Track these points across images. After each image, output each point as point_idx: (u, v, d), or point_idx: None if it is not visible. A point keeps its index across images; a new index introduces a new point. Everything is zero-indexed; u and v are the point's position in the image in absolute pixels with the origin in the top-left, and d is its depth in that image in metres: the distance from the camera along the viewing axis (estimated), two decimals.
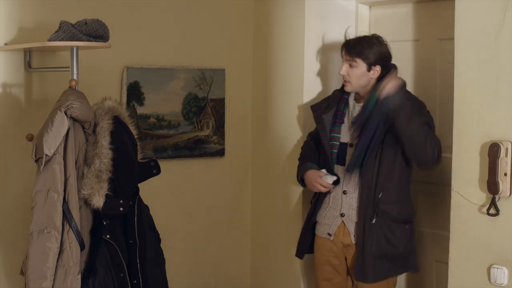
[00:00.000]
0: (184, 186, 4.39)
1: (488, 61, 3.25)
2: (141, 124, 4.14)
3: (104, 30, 3.39)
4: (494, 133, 3.23)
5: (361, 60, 3.66)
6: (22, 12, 3.71)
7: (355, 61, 3.66)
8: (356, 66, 3.67)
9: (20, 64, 3.73)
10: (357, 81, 3.69)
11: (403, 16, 4.10)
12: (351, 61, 3.68)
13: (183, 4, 4.29)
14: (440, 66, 3.91)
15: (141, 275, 3.42)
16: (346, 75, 3.70)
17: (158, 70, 4.18)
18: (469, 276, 3.35)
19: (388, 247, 3.61)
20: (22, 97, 3.75)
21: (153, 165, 3.54)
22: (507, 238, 3.20)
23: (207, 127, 4.42)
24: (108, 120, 3.35)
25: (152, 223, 3.58)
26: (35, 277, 3.15)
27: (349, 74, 3.69)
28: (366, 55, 3.65)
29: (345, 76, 3.71)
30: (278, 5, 4.39)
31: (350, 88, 3.73)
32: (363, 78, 3.68)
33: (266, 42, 4.48)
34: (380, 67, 3.67)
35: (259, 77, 4.56)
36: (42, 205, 3.17)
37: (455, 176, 3.39)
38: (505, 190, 3.19)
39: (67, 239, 3.19)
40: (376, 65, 3.66)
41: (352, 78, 3.69)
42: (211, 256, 4.53)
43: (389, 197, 3.61)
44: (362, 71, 3.67)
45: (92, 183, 3.25)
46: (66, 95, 3.26)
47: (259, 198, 4.60)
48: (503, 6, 3.19)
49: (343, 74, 3.71)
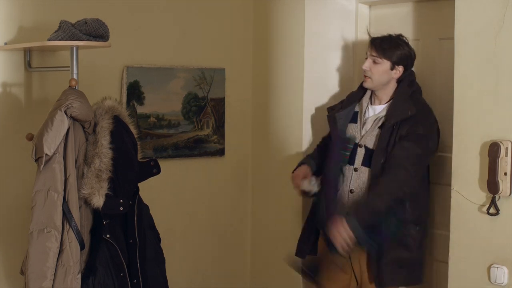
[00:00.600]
0: (184, 185, 4.39)
1: (488, 61, 3.25)
2: (141, 124, 4.14)
3: (104, 29, 3.39)
4: (494, 132, 3.23)
5: (385, 58, 3.68)
6: (22, 11, 3.71)
7: (380, 58, 3.68)
8: (380, 63, 3.68)
9: (20, 64, 3.73)
10: (379, 78, 3.70)
11: (403, 16, 4.10)
12: (376, 58, 3.68)
13: (183, 4, 4.29)
14: (440, 65, 3.91)
15: (141, 274, 3.42)
16: (368, 71, 3.71)
17: (158, 70, 4.18)
18: (469, 275, 3.35)
19: (400, 248, 3.61)
20: (22, 97, 3.75)
21: (153, 164, 3.54)
22: (507, 238, 3.20)
23: (207, 126, 4.42)
24: (108, 119, 3.35)
25: (152, 222, 3.58)
26: (35, 276, 3.15)
27: (371, 70, 3.70)
28: (392, 54, 3.67)
29: (367, 71, 3.71)
30: (278, 4, 4.39)
31: (370, 84, 3.73)
32: (384, 76, 3.69)
33: (266, 42, 4.48)
34: (403, 68, 3.69)
35: (259, 77, 4.55)
36: (42, 204, 3.17)
37: (455, 175, 3.39)
38: (505, 190, 3.19)
39: (67, 238, 3.19)
40: (399, 65, 3.68)
41: (374, 74, 3.70)
42: (211, 256, 4.53)
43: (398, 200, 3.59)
44: (385, 68, 3.68)
45: (92, 183, 3.25)
46: (66, 95, 3.26)
47: (259, 197, 4.60)
48: (503, 5, 3.19)
49: (365, 69, 3.72)
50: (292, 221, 4.29)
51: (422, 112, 3.64)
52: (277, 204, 4.44)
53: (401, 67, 3.69)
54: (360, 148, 3.70)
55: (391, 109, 3.66)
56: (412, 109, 3.59)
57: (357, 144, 3.72)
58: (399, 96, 3.68)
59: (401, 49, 3.69)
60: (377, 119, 3.69)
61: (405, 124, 3.58)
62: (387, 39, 3.72)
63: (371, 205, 3.54)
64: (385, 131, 3.61)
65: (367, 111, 3.77)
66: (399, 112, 3.60)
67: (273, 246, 4.48)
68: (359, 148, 3.71)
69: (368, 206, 3.54)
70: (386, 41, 3.71)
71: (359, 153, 3.70)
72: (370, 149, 3.66)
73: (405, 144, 3.54)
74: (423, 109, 3.66)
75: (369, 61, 3.71)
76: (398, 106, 3.64)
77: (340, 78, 4.28)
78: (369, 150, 3.67)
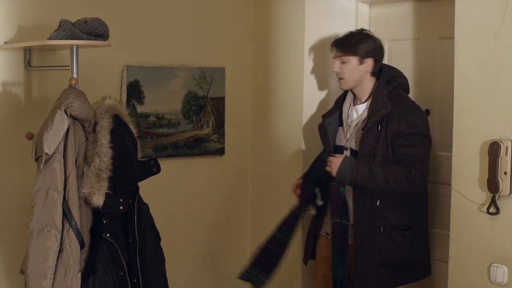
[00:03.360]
0: (184, 185, 4.39)
1: (488, 60, 3.25)
2: (141, 123, 4.14)
3: (104, 28, 3.39)
4: (494, 131, 3.23)
5: (351, 55, 3.67)
6: (22, 11, 3.71)
7: (346, 57, 3.67)
8: (347, 61, 3.68)
9: (20, 63, 3.72)
10: (351, 76, 3.69)
11: (403, 15, 4.10)
12: (342, 57, 3.69)
13: (183, 3, 4.28)
14: (440, 65, 3.91)
15: (141, 274, 3.42)
16: (339, 72, 3.71)
17: (158, 69, 4.18)
18: (469, 274, 3.35)
19: (389, 254, 3.60)
20: (22, 96, 3.75)
21: (153, 164, 3.54)
22: (507, 237, 3.20)
23: (207, 125, 4.42)
24: (108, 118, 3.35)
25: (152, 222, 3.58)
26: (35, 276, 3.15)
27: (342, 70, 3.70)
28: (355, 49, 3.66)
29: (338, 73, 3.72)
30: (278, 3, 4.39)
31: (346, 85, 3.74)
32: (356, 73, 3.68)
33: (266, 41, 4.48)
34: (373, 60, 3.68)
35: (259, 76, 4.55)
36: (42, 204, 3.17)
37: (455, 174, 3.39)
38: (505, 189, 3.19)
39: (67, 238, 3.19)
40: (367, 58, 3.67)
41: (345, 73, 3.70)
42: (211, 255, 4.53)
43: (387, 203, 3.59)
44: (354, 65, 3.68)
45: (92, 182, 3.25)
46: (66, 94, 3.26)
47: (259, 197, 4.60)
48: (503, 5, 3.19)
49: (336, 71, 3.72)
50: None
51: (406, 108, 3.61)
52: (277, 203, 4.43)
53: (370, 59, 3.67)
54: (346, 151, 3.70)
55: (370, 109, 3.65)
56: (387, 107, 3.57)
57: (343, 147, 3.72)
58: (376, 94, 3.66)
59: (364, 42, 3.68)
60: (360, 121, 3.68)
61: (391, 122, 3.56)
62: (347, 36, 3.73)
63: (374, 172, 3.52)
64: (369, 133, 3.59)
65: (350, 113, 3.76)
66: (377, 112, 3.59)
67: None
68: (344, 151, 3.70)
69: (371, 170, 3.53)
70: (347, 39, 3.71)
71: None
72: (355, 151, 3.66)
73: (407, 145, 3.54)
74: (405, 104, 3.64)
75: (337, 62, 3.71)
76: (375, 105, 3.63)
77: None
78: (354, 152, 3.67)
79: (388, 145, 3.56)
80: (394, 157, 3.56)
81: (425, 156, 3.58)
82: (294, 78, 4.28)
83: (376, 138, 3.57)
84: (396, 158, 3.55)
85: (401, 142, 3.55)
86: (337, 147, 3.75)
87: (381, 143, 3.56)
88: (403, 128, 3.54)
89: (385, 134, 3.56)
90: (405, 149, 3.53)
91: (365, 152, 3.58)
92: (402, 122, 3.55)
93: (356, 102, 3.76)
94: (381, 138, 3.56)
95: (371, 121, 3.59)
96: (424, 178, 3.55)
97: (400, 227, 3.60)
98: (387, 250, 3.58)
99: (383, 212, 3.57)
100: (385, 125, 3.57)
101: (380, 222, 3.57)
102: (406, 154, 3.53)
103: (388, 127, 3.56)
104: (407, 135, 3.53)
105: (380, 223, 3.57)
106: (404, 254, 3.61)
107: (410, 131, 3.54)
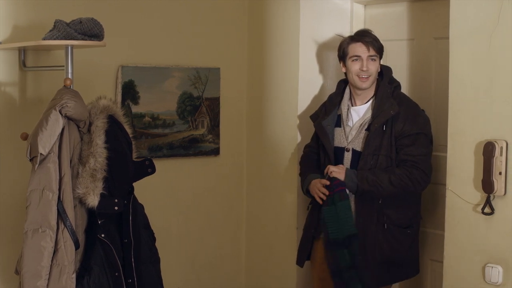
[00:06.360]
0: (179, 185, 4.38)
1: (482, 60, 3.26)
2: (136, 123, 4.13)
3: (99, 29, 3.39)
4: (488, 132, 3.24)
5: (378, 53, 3.69)
6: (16, 10, 3.70)
7: (377, 55, 3.67)
8: (376, 60, 3.68)
9: (14, 63, 3.72)
10: (375, 75, 3.70)
11: (398, 15, 4.11)
12: (374, 56, 3.67)
13: (178, 3, 4.28)
14: (435, 65, 3.92)
15: (136, 274, 3.42)
16: (368, 70, 3.65)
17: (153, 69, 4.18)
18: (464, 274, 3.35)
19: (391, 251, 3.61)
20: (17, 96, 3.74)
21: (148, 164, 3.54)
22: (501, 237, 3.21)
23: (202, 126, 4.42)
24: (103, 119, 3.34)
25: (147, 222, 3.57)
26: (30, 276, 3.14)
27: (371, 69, 3.67)
28: (380, 48, 3.69)
29: (366, 71, 3.66)
30: (273, 4, 4.39)
31: (368, 84, 3.68)
32: (376, 72, 3.70)
33: (261, 41, 4.48)
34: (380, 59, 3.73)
35: (254, 76, 4.55)
36: (36, 204, 3.16)
37: (450, 175, 3.40)
38: (499, 189, 3.19)
39: (62, 238, 3.18)
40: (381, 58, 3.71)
41: (373, 72, 3.68)
42: (206, 255, 4.52)
43: (388, 202, 3.60)
44: (378, 64, 3.70)
45: (87, 182, 3.24)
46: (60, 94, 3.26)
47: (254, 197, 4.60)
48: (497, 5, 3.20)
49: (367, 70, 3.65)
50: (287, 220, 4.29)
51: (410, 108, 3.63)
52: (272, 203, 4.44)
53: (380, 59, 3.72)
54: (347, 152, 3.69)
55: (376, 109, 3.64)
56: (394, 108, 3.58)
57: (343, 149, 3.71)
58: (381, 94, 3.66)
59: (379, 41, 3.70)
60: (364, 122, 3.68)
61: (396, 122, 3.57)
62: (371, 34, 3.71)
63: (379, 177, 3.53)
64: (375, 133, 3.59)
65: (349, 114, 3.74)
66: (383, 113, 3.59)
67: (268, 245, 4.49)
68: (346, 152, 3.69)
69: (376, 176, 3.53)
70: (374, 38, 3.69)
71: (346, 158, 3.69)
72: (358, 152, 3.66)
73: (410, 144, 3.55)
74: (409, 104, 3.65)
75: (368, 61, 3.66)
76: (382, 105, 3.62)
77: (335, 78, 4.28)
78: (356, 153, 3.66)
79: (392, 144, 3.57)
80: (397, 156, 3.56)
81: (428, 155, 3.59)
82: (289, 78, 4.28)
83: (381, 138, 3.58)
84: (399, 158, 3.56)
85: (404, 141, 3.56)
86: (337, 148, 3.74)
87: (385, 142, 3.57)
88: (407, 128, 3.55)
89: (389, 134, 3.57)
90: (409, 149, 3.54)
91: (369, 152, 3.58)
92: (407, 122, 3.56)
93: (356, 103, 3.75)
94: (386, 138, 3.57)
95: (378, 121, 3.58)
96: (427, 178, 3.56)
97: (402, 225, 3.62)
98: (389, 247, 3.59)
99: (385, 210, 3.58)
100: (390, 125, 3.57)
101: (383, 219, 3.58)
102: (409, 154, 3.54)
103: (393, 127, 3.56)
104: (411, 135, 3.55)
105: (383, 220, 3.58)
106: (404, 252, 3.63)
107: (414, 131, 3.55)
